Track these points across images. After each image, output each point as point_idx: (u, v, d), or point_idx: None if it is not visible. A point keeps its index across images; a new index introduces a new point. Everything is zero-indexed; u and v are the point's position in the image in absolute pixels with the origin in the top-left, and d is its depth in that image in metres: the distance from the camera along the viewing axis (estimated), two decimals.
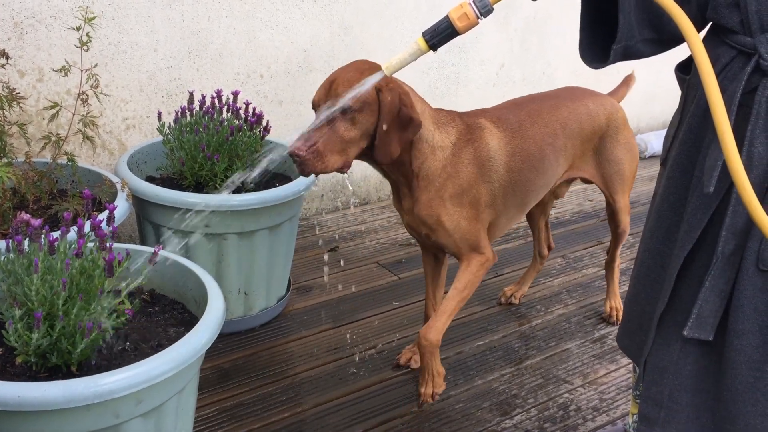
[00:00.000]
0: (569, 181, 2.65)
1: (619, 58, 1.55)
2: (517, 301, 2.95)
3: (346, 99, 1.87)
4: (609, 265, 2.83)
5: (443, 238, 2.14)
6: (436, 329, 2.18)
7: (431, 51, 1.48)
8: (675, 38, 1.55)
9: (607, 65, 1.57)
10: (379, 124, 1.92)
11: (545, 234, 2.91)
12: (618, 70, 4.73)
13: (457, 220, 2.11)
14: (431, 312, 2.45)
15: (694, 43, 1.27)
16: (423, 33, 1.46)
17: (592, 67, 1.61)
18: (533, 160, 2.26)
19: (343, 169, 1.95)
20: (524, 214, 2.42)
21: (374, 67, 1.93)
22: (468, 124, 2.15)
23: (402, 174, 2.10)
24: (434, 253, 2.41)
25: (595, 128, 2.46)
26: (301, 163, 1.87)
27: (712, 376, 1.59)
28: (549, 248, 2.95)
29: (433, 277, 2.45)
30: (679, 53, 1.78)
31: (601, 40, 1.56)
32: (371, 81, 1.81)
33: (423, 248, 2.42)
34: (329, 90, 1.92)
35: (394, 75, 1.63)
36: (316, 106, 1.96)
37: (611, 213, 2.66)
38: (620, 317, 2.81)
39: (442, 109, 2.17)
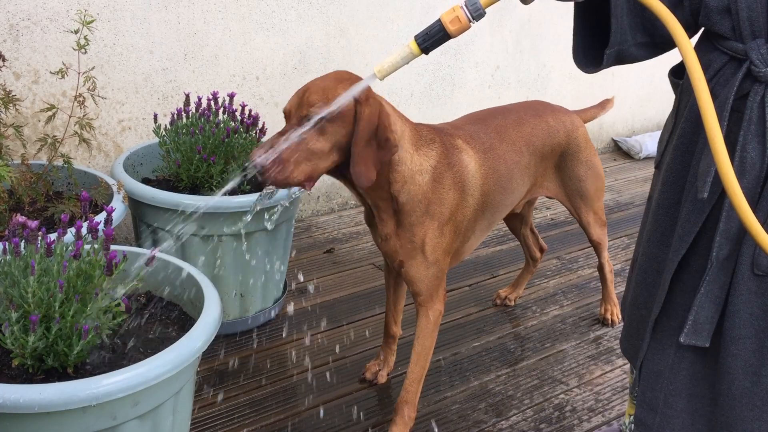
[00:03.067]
0: (532, 201, 2.65)
1: (613, 62, 1.56)
2: (512, 303, 2.96)
3: (317, 107, 1.73)
4: (600, 270, 2.84)
5: (418, 269, 2.00)
6: (410, 403, 2.12)
7: (423, 54, 1.48)
8: (668, 42, 1.55)
9: (600, 69, 1.58)
10: (355, 138, 1.76)
11: (533, 239, 2.90)
12: (613, 73, 4.77)
13: (436, 249, 1.99)
14: (391, 323, 2.38)
15: (684, 48, 1.28)
16: (415, 36, 1.46)
17: (586, 72, 1.61)
18: (503, 180, 2.17)
19: (306, 184, 1.77)
20: (490, 230, 2.32)
21: (354, 79, 1.80)
22: (446, 145, 2.01)
23: (380, 198, 1.94)
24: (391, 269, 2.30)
25: (554, 145, 2.39)
26: (261, 172, 1.70)
27: (708, 381, 1.60)
28: (542, 250, 2.94)
29: (395, 289, 2.36)
30: (674, 56, 1.79)
31: (594, 45, 1.56)
32: (351, 92, 1.71)
33: (387, 263, 2.30)
34: (302, 98, 1.76)
35: (380, 84, 1.57)
36: (287, 115, 1.80)
37: (580, 226, 2.66)
38: (616, 319, 2.83)
39: (422, 126, 2.02)
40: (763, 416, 1.53)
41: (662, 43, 1.54)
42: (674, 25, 1.29)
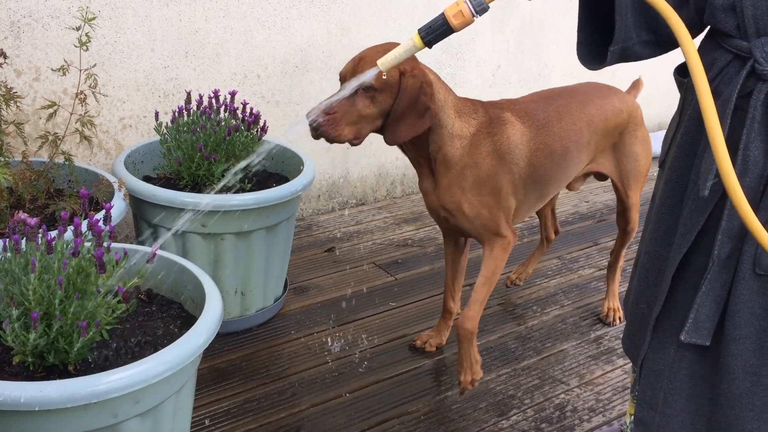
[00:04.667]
0: (585, 176, 2.69)
1: (617, 59, 1.55)
2: (521, 283, 3.03)
3: (370, 77, 1.93)
4: (612, 267, 2.85)
5: (463, 223, 2.18)
6: (471, 318, 2.20)
7: (426, 47, 1.48)
8: (672, 41, 1.54)
9: (604, 67, 1.57)
10: (395, 106, 1.99)
11: (551, 219, 2.98)
12: (613, 72, 4.76)
13: (477, 208, 2.14)
14: (449, 301, 2.52)
15: (686, 46, 1.28)
16: (419, 30, 1.47)
17: (590, 68, 1.61)
18: (556, 156, 2.28)
19: (355, 141, 2.03)
20: (545, 202, 2.44)
21: (414, 67, 2.02)
22: (491, 116, 2.17)
23: (421, 156, 2.15)
24: (455, 240, 2.44)
25: (618, 124, 2.50)
26: (315, 128, 1.98)
27: (708, 381, 1.59)
28: (556, 232, 3.02)
29: (453, 265, 2.49)
30: (677, 56, 1.78)
31: (598, 42, 1.56)
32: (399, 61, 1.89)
33: (444, 235, 2.47)
34: (356, 66, 2.01)
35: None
36: (342, 78, 2.05)
37: (623, 210, 2.69)
38: (618, 318, 2.83)
39: (468, 99, 2.20)
40: (762, 416, 1.53)
41: (666, 41, 1.54)
42: (677, 23, 1.28)
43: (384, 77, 1.96)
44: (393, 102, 2.00)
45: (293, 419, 2.23)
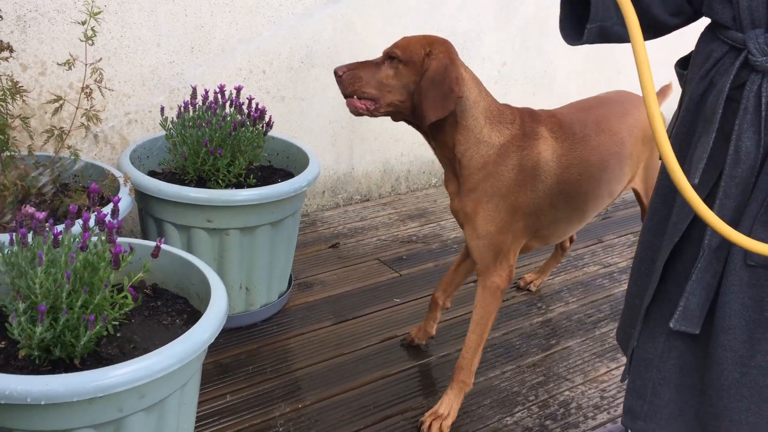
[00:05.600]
0: None
1: (595, 38, 1.54)
2: (534, 289, 3.00)
3: (396, 47, 2.04)
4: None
5: (471, 236, 2.13)
6: (467, 370, 2.20)
7: None
8: (654, 25, 1.55)
9: (582, 44, 1.57)
10: (420, 84, 2.00)
11: None
12: (618, 70, 4.76)
13: (488, 225, 2.09)
14: (438, 291, 2.51)
15: (631, 26, 1.27)
16: None
17: (569, 44, 1.61)
18: (593, 170, 2.21)
19: (373, 109, 2.07)
20: (586, 220, 2.36)
21: (441, 42, 2.06)
22: (525, 130, 2.11)
23: (446, 155, 2.13)
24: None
25: (647, 135, 2.42)
26: (339, 81, 2.07)
27: (697, 372, 1.60)
28: (571, 240, 2.97)
29: (458, 266, 2.48)
30: (681, 49, 1.78)
31: (582, 18, 1.56)
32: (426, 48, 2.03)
33: None
34: (395, 42, 2.08)
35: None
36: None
37: None
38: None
39: (509, 107, 2.15)
40: (750, 407, 1.54)
41: (649, 25, 1.53)
42: (627, 8, 1.27)
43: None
44: (415, 80, 2.02)
45: (297, 414, 2.23)
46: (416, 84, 2.02)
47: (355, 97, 2.07)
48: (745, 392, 1.53)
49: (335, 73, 2.08)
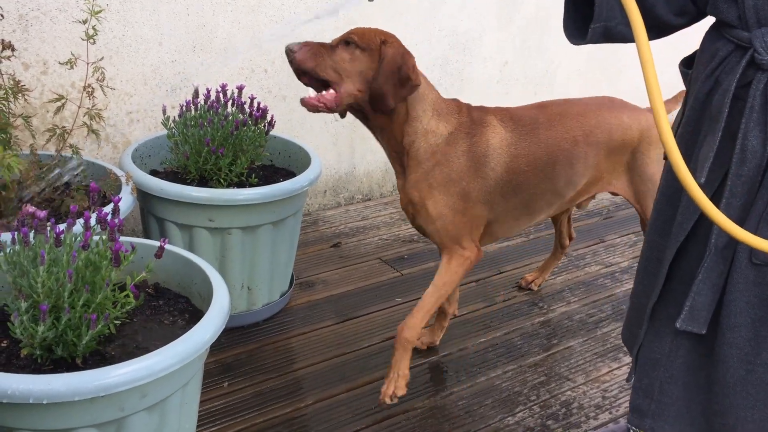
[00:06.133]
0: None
1: (599, 38, 1.54)
2: (535, 288, 3.00)
3: (353, 33, 2.02)
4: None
5: (426, 222, 2.14)
6: (411, 327, 2.14)
7: None
8: (658, 25, 1.55)
9: (585, 43, 1.57)
10: (378, 71, 1.98)
11: (567, 226, 2.91)
12: (620, 70, 4.75)
13: (441, 208, 2.10)
14: (444, 302, 2.45)
15: (636, 28, 1.26)
16: None
17: (573, 43, 1.61)
18: (540, 164, 2.21)
19: (331, 103, 2.01)
20: (535, 218, 2.35)
21: (392, 36, 2.06)
22: (473, 118, 2.15)
23: (393, 148, 2.13)
24: None
25: (626, 141, 2.38)
26: (292, 59, 2.00)
27: (703, 370, 1.61)
28: (570, 238, 2.95)
29: None
30: (685, 48, 1.78)
31: (585, 17, 1.55)
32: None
33: None
34: (349, 31, 2.06)
35: None
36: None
37: (644, 226, 2.56)
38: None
39: (454, 100, 2.18)
40: (756, 404, 1.55)
41: (652, 25, 1.52)
42: (632, 9, 1.27)
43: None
44: (372, 67, 2.00)
45: (299, 414, 2.23)
46: (373, 72, 2.00)
47: (308, 94, 2.03)
48: (751, 389, 1.54)
49: (288, 50, 2.00)
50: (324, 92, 2.03)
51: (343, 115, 2.14)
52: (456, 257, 2.15)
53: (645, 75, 1.26)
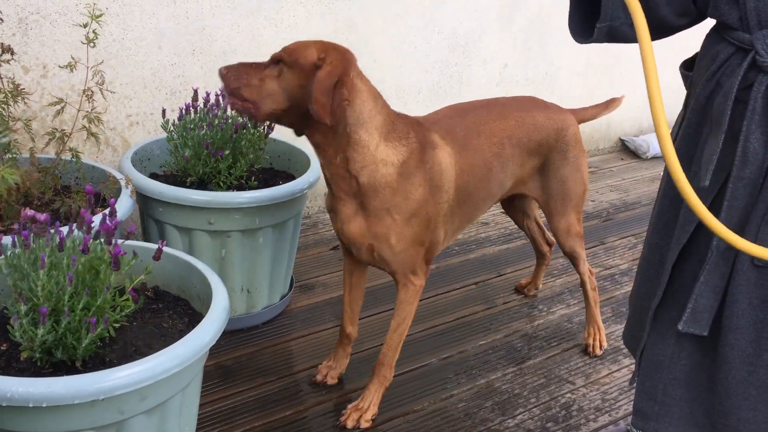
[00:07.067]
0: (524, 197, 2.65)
1: (604, 38, 1.55)
2: (529, 294, 2.99)
3: (284, 51, 1.92)
4: (582, 287, 2.65)
5: (387, 254, 2.04)
6: (388, 366, 2.21)
7: None
8: (660, 26, 1.55)
9: (591, 43, 1.57)
10: (309, 97, 1.85)
11: (539, 232, 2.87)
12: (621, 73, 4.76)
13: (404, 241, 2.02)
14: (348, 325, 2.35)
15: (640, 29, 1.27)
16: None
17: (578, 42, 1.61)
18: (481, 173, 2.19)
19: (252, 110, 1.93)
20: (472, 223, 2.34)
21: (338, 49, 1.93)
22: (421, 141, 2.03)
23: (339, 175, 1.98)
24: (359, 263, 2.29)
25: (541, 141, 2.35)
26: (222, 78, 1.95)
27: (706, 371, 1.61)
28: (549, 245, 2.91)
29: (353, 289, 2.34)
30: (685, 50, 1.78)
31: (590, 17, 1.56)
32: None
33: (348, 256, 2.29)
34: (284, 47, 1.97)
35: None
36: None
37: (552, 233, 2.56)
38: (598, 347, 2.62)
39: (401, 118, 2.04)
40: (758, 406, 1.56)
41: (656, 26, 1.53)
42: (635, 9, 1.27)
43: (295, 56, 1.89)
44: (299, 85, 1.88)
45: (299, 417, 2.23)
46: (300, 89, 1.88)
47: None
48: (753, 390, 1.54)
49: (219, 72, 1.96)
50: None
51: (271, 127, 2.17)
52: (411, 289, 2.13)
53: (647, 77, 1.26)
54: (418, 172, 2.00)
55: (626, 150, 5.02)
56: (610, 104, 2.64)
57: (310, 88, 1.84)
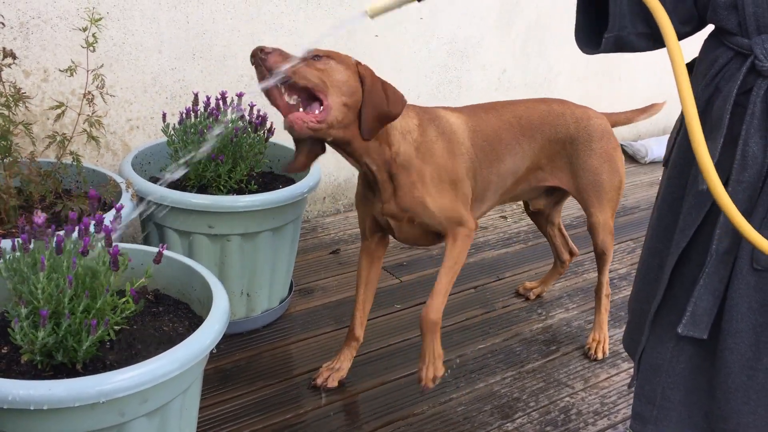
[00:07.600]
0: (559, 199, 2.68)
1: (612, 48, 1.55)
2: (532, 297, 2.99)
3: (321, 50, 1.89)
4: (596, 292, 2.68)
5: (428, 219, 2.13)
6: (436, 309, 2.14)
7: (417, 2, 1.51)
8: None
9: (598, 53, 1.58)
10: (365, 96, 1.91)
11: (561, 240, 2.89)
12: (620, 77, 4.77)
13: (440, 202, 2.12)
14: (356, 325, 2.36)
15: (668, 37, 1.28)
16: None
17: (585, 53, 1.61)
18: (492, 140, 2.29)
19: (320, 122, 1.88)
20: (509, 193, 2.43)
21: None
22: (423, 109, 2.20)
23: (378, 162, 2.06)
24: (375, 248, 2.33)
25: (559, 129, 2.41)
26: (263, 60, 1.81)
27: (705, 375, 1.61)
28: (572, 254, 2.92)
29: (368, 282, 2.36)
30: (684, 54, 1.79)
31: (596, 27, 1.57)
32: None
33: (366, 239, 2.32)
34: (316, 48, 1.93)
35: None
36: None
37: (588, 229, 2.55)
38: (601, 354, 2.62)
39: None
40: (757, 410, 1.56)
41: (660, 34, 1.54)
42: (661, 15, 1.28)
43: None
44: (352, 86, 1.89)
45: (298, 420, 2.23)
46: (354, 89, 1.90)
47: (299, 108, 1.91)
48: (752, 395, 1.55)
49: (258, 49, 1.80)
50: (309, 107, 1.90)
51: (323, 145, 2.06)
52: (460, 236, 2.17)
53: (677, 79, 1.28)
54: (431, 128, 2.14)
55: (624, 155, 5.03)
56: (649, 109, 2.70)
57: (366, 90, 1.91)
